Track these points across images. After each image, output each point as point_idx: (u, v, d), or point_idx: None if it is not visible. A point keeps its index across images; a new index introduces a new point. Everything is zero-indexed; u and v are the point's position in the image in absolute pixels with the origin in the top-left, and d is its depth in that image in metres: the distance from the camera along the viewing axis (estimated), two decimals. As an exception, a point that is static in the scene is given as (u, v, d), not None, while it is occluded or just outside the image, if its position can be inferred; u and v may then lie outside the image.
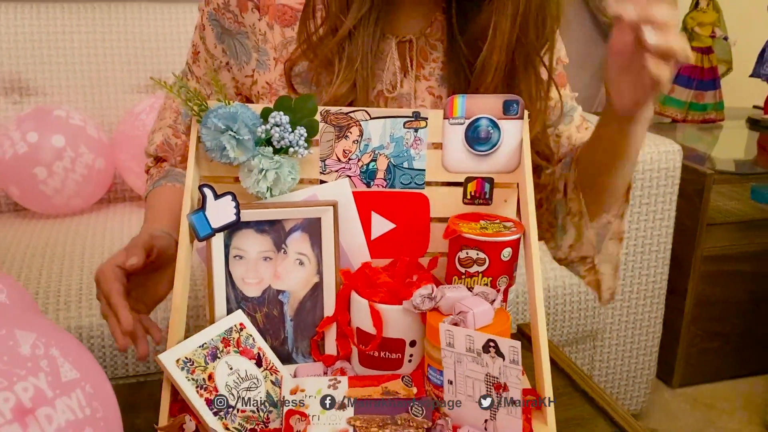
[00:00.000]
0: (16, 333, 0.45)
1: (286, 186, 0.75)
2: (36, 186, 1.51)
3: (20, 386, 0.42)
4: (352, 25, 0.80)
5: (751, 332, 1.77)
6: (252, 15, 0.85)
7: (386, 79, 0.86)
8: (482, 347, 0.65)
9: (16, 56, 1.64)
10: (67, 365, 0.46)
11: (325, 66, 0.83)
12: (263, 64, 0.87)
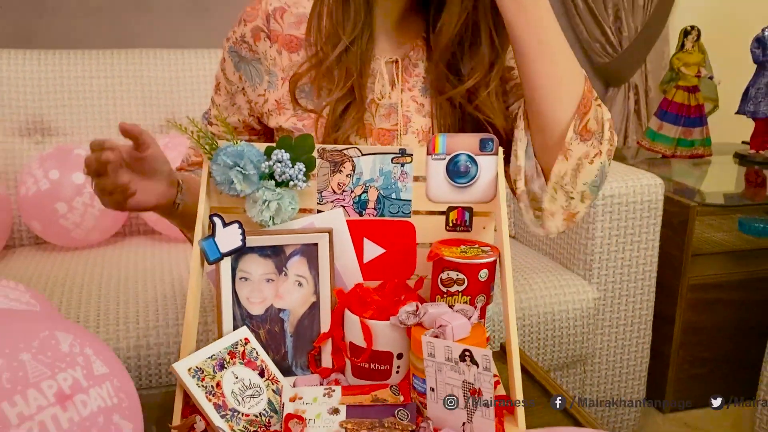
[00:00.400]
0: (57, 334, 0.53)
1: (287, 215, 0.84)
2: (57, 220, 1.60)
3: (61, 376, 0.51)
4: (349, 42, 0.94)
5: (738, 358, 1.82)
6: (264, 43, 1.00)
7: (377, 90, 0.99)
8: (459, 356, 0.73)
9: (39, 100, 1.74)
10: (98, 362, 0.54)
11: (325, 75, 0.96)
12: (273, 84, 1.00)
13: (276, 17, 1.00)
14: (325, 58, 0.95)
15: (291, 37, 1.00)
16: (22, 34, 2.05)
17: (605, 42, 2.59)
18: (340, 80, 0.95)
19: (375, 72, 1.00)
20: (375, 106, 0.99)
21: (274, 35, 1.00)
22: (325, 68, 0.95)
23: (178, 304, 1.38)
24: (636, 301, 1.62)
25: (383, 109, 0.99)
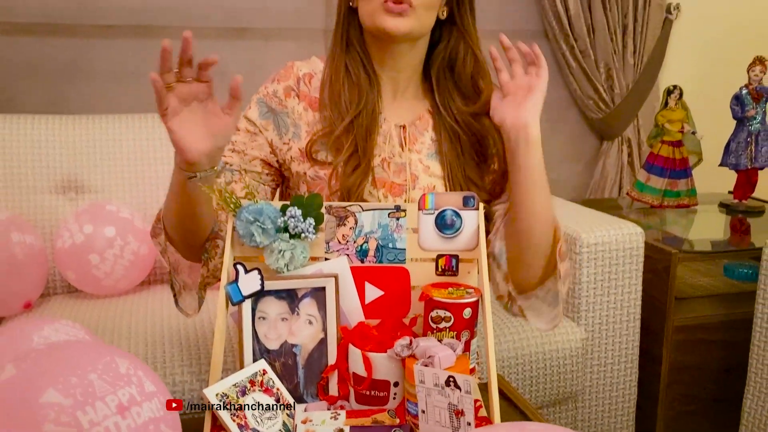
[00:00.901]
0: (116, 359, 0.67)
1: (299, 263, 0.98)
2: (90, 270, 1.74)
3: (120, 392, 0.64)
4: (354, 116, 1.14)
5: (723, 397, 1.92)
6: (293, 100, 1.19)
7: (388, 150, 1.18)
8: (445, 382, 0.86)
9: (73, 160, 1.89)
10: (148, 382, 0.68)
11: (335, 142, 1.14)
12: (297, 135, 1.18)
13: (305, 81, 1.20)
14: (334, 129, 1.12)
15: (315, 99, 1.19)
16: (58, 100, 2.19)
17: (598, 99, 2.72)
18: (349, 147, 1.12)
19: (386, 133, 1.18)
20: (387, 164, 1.16)
21: (302, 95, 1.19)
22: (335, 137, 1.11)
23: (200, 346, 1.51)
24: (622, 341, 1.74)
25: (395, 166, 1.17)
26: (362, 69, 1.18)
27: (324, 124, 1.17)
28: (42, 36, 2.18)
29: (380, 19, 1.12)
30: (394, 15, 1.11)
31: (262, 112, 1.20)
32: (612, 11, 2.59)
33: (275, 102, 1.20)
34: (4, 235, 1.65)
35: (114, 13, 2.21)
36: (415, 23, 1.13)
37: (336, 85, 1.17)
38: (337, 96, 1.16)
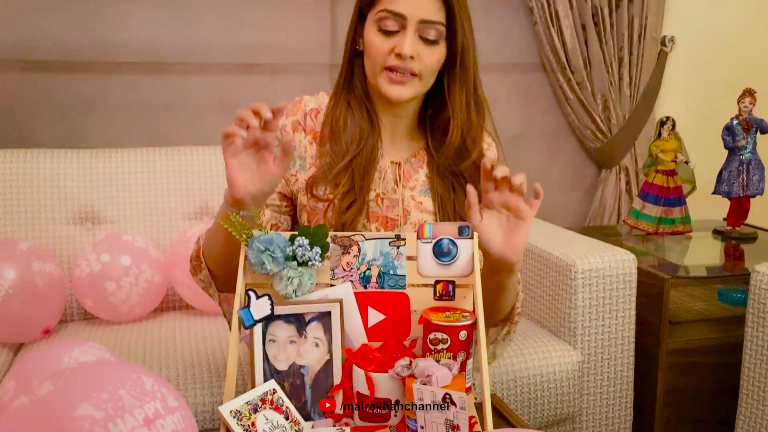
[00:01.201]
0: (142, 377, 0.74)
1: (306, 289, 1.06)
2: (106, 298, 1.81)
3: (146, 406, 0.72)
4: (353, 155, 1.21)
5: (719, 419, 1.97)
6: (300, 134, 1.28)
7: (383, 186, 1.26)
8: (442, 399, 0.93)
9: (90, 192, 1.97)
10: (170, 397, 0.75)
11: (334, 179, 1.22)
12: (303, 167, 1.27)
13: (311, 116, 1.28)
14: (334, 167, 1.20)
15: (320, 133, 1.27)
16: (74, 134, 2.27)
17: (596, 129, 2.79)
18: (345, 184, 1.20)
19: (382, 169, 1.25)
20: (381, 199, 1.24)
21: (308, 129, 1.28)
22: (334, 174, 1.19)
23: (211, 369, 1.58)
24: (617, 363, 1.80)
25: (388, 201, 1.25)
26: (364, 111, 1.25)
27: (324, 158, 1.25)
28: (59, 73, 2.27)
29: (382, 85, 1.20)
30: (396, 83, 1.18)
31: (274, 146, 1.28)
32: (607, 44, 2.68)
33: (284, 136, 1.28)
34: (26, 264, 1.73)
35: (128, 51, 2.31)
36: (418, 89, 1.21)
37: (338, 123, 1.25)
38: (339, 134, 1.24)
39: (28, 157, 1.98)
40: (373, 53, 1.20)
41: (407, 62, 1.17)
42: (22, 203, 1.93)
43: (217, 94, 2.41)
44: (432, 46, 1.19)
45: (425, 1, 1.17)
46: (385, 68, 1.19)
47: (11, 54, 2.21)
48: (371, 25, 1.21)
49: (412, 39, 1.17)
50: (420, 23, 1.17)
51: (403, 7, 1.16)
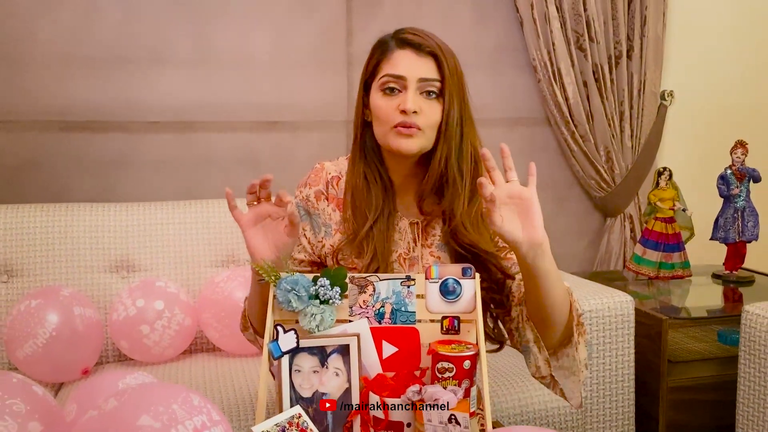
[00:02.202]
0: (190, 395, 0.88)
1: (327, 324, 1.19)
2: (141, 340, 1.95)
3: (195, 419, 0.85)
4: (372, 222, 1.34)
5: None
6: (323, 203, 1.41)
7: (403, 246, 1.38)
8: (447, 419, 1.06)
9: (125, 242, 2.13)
10: (214, 412, 0.88)
11: (357, 246, 1.34)
12: (329, 233, 1.40)
13: (333, 184, 1.41)
14: (356, 235, 1.33)
15: (341, 200, 1.40)
16: (108, 189, 2.42)
17: (599, 179, 2.90)
18: (369, 251, 1.33)
19: (402, 230, 1.39)
20: (403, 259, 1.37)
21: (331, 197, 1.41)
22: (357, 242, 1.33)
23: (239, 406, 1.70)
24: (618, 399, 1.91)
25: (409, 260, 1.38)
26: (379, 177, 1.37)
27: (347, 224, 1.37)
28: (94, 132, 2.42)
29: (392, 141, 1.32)
30: (404, 136, 1.31)
31: (300, 216, 1.41)
32: (608, 99, 2.83)
33: (309, 205, 1.42)
34: (68, 309, 1.88)
35: (158, 111, 2.47)
36: (424, 142, 1.32)
37: (357, 192, 1.37)
38: (357, 202, 1.36)
39: (68, 211, 2.14)
40: (381, 114, 1.32)
41: (412, 117, 1.30)
42: (63, 253, 2.09)
43: (242, 150, 2.56)
44: (432, 100, 1.32)
45: (421, 62, 1.31)
46: (393, 126, 1.31)
47: (51, 116, 2.38)
48: (376, 92, 1.34)
49: (413, 96, 1.30)
50: (419, 81, 1.30)
51: (403, 69, 1.31)
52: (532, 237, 1.18)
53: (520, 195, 1.19)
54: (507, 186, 1.20)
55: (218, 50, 2.50)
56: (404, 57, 1.32)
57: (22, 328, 1.84)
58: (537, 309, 1.27)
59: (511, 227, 1.18)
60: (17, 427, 0.87)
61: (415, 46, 1.32)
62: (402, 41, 1.33)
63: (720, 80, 3.01)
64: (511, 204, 1.20)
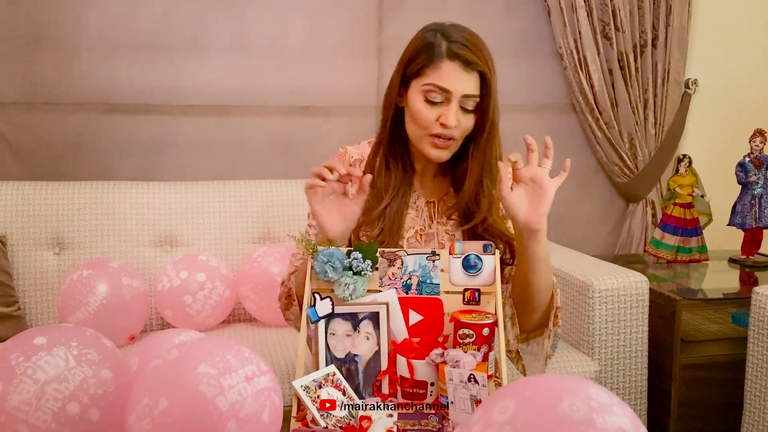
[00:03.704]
0: (242, 348, 1.00)
1: (359, 293, 1.31)
2: (184, 309, 2.10)
3: (246, 368, 0.97)
4: (388, 201, 1.43)
5: (729, 430, 2.14)
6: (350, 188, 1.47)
7: (420, 223, 1.48)
8: (467, 379, 1.17)
9: (168, 219, 2.27)
10: (262, 364, 1.00)
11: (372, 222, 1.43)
12: None
13: (356, 167, 1.50)
14: (372, 212, 1.42)
15: None
16: (148, 169, 2.55)
17: (623, 165, 2.96)
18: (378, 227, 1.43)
19: (419, 208, 1.49)
20: (420, 235, 1.48)
21: (354, 179, 1.49)
22: (371, 219, 1.43)
23: (275, 369, 1.83)
24: (631, 374, 2.01)
25: (425, 237, 1.48)
26: (401, 163, 1.45)
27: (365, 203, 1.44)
28: (135, 114, 2.55)
29: (427, 148, 1.39)
30: (440, 148, 1.38)
31: None
32: (633, 87, 2.89)
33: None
34: (116, 280, 2.03)
35: (196, 95, 2.58)
36: (454, 149, 1.41)
37: (376, 174, 1.45)
38: (377, 183, 1.44)
39: (115, 188, 2.28)
40: (420, 119, 1.37)
41: (449, 130, 1.36)
42: (111, 227, 2.23)
43: (275, 134, 2.67)
44: (469, 114, 1.38)
45: (467, 78, 1.34)
46: (430, 134, 1.38)
47: (96, 98, 2.51)
48: (417, 94, 1.37)
49: (455, 112, 1.35)
50: (462, 97, 1.35)
51: (450, 84, 1.34)
52: (532, 221, 1.28)
53: (541, 182, 1.28)
54: (535, 169, 1.28)
55: (254, 38, 2.60)
56: (453, 71, 1.34)
57: (74, 296, 1.99)
58: (521, 289, 1.39)
59: (518, 203, 1.29)
60: (92, 373, 1.00)
61: (464, 61, 1.34)
62: (453, 54, 1.34)
63: (742, 70, 3.06)
64: (528, 186, 1.30)
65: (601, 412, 0.78)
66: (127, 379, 1.05)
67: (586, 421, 0.77)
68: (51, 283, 2.18)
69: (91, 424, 0.98)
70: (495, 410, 0.82)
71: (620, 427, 0.78)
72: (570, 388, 0.81)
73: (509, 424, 0.79)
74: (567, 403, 0.79)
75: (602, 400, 0.80)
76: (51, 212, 2.20)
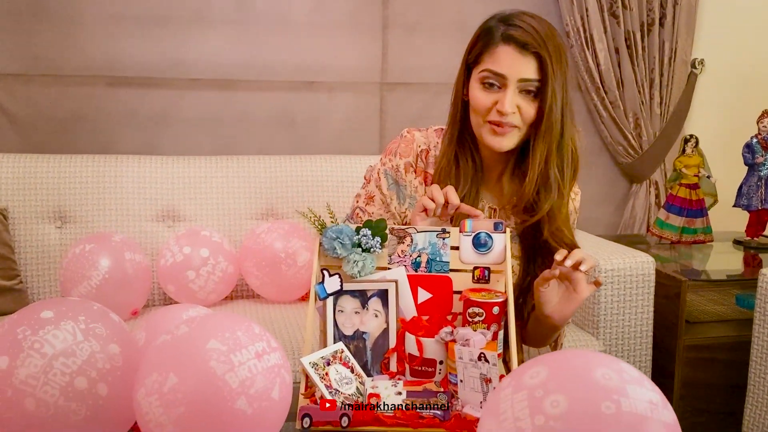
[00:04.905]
0: (252, 324, 0.99)
1: (368, 270, 1.29)
2: (187, 285, 2.08)
3: (257, 344, 0.96)
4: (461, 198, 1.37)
5: (731, 411, 2.15)
6: (411, 175, 1.46)
7: None
8: (477, 357, 1.16)
9: (171, 193, 2.25)
10: (272, 340, 0.99)
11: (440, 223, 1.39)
12: (412, 205, 1.46)
13: (422, 157, 1.46)
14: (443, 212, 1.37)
15: (429, 174, 1.46)
16: (151, 143, 2.54)
17: (627, 145, 2.96)
18: None
19: None
20: None
21: (419, 171, 1.46)
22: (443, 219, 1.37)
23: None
24: (636, 354, 2.01)
25: None
26: (470, 158, 1.40)
27: None
28: (139, 88, 2.54)
29: (485, 135, 1.35)
30: (498, 135, 1.33)
31: (389, 184, 1.48)
32: (639, 66, 2.87)
33: (398, 176, 1.45)
34: (119, 254, 2.01)
35: (200, 69, 2.57)
36: (516, 139, 1.34)
37: (446, 170, 1.41)
38: (446, 180, 1.40)
39: (118, 162, 2.26)
40: (478, 106, 1.33)
41: (508, 117, 1.31)
42: (113, 201, 2.21)
43: (278, 109, 2.66)
44: (530, 98, 1.32)
45: (523, 62, 1.29)
46: (488, 121, 1.33)
47: (99, 71, 2.49)
48: (475, 81, 1.34)
49: (512, 96, 1.30)
50: (519, 81, 1.30)
51: (505, 68, 1.30)
52: (556, 318, 1.34)
53: (576, 285, 1.30)
54: (576, 273, 1.28)
55: (258, 11, 2.58)
56: (507, 54, 1.30)
57: (77, 269, 1.98)
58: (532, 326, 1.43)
59: (546, 298, 1.33)
60: (100, 348, 0.99)
61: (519, 44, 1.29)
62: (507, 37, 1.30)
63: (750, 50, 3.04)
64: (563, 284, 1.33)
65: (633, 384, 0.80)
66: (135, 354, 1.04)
67: (619, 390, 0.78)
68: (53, 256, 2.17)
69: (99, 398, 0.97)
70: (526, 375, 0.83)
71: (651, 401, 0.79)
72: (602, 361, 0.83)
73: (541, 387, 0.79)
74: (600, 372, 0.80)
75: (633, 374, 0.82)
76: (53, 185, 2.18)
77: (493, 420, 0.82)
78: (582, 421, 0.75)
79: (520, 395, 0.80)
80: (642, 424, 0.75)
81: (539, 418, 0.77)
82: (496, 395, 0.86)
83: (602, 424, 0.75)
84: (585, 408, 0.76)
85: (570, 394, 0.77)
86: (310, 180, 2.32)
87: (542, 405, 0.77)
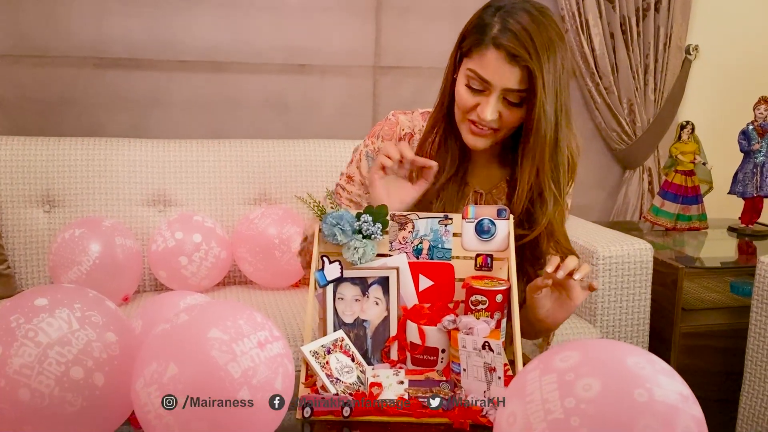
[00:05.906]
0: (254, 312, 0.96)
1: (369, 257, 1.27)
2: (179, 270, 2.05)
3: (259, 333, 0.93)
4: (445, 180, 1.36)
5: (726, 398, 2.15)
6: None
7: None
8: (481, 346, 1.14)
9: (162, 177, 2.21)
10: (274, 329, 0.96)
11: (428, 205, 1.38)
12: None
13: (406, 140, 1.43)
14: (429, 192, 1.36)
15: None
16: (140, 126, 2.49)
17: (621, 131, 2.95)
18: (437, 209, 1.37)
19: (466, 197, 1.43)
20: None
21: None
22: (426, 201, 1.37)
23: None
24: (633, 341, 2.00)
25: None
26: (455, 142, 1.37)
27: None
28: (127, 70, 2.48)
29: (463, 132, 1.33)
30: (475, 135, 1.31)
31: (369, 166, 1.45)
32: (634, 52, 2.85)
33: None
34: (109, 239, 1.97)
35: (189, 51, 2.52)
36: (495, 140, 1.32)
37: (429, 154, 1.38)
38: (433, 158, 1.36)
39: (107, 145, 2.22)
40: (460, 102, 1.30)
41: (488, 122, 1.28)
42: (103, 185, 2.17)
43: (270, 92, 2.61)
44: (514, 107, 1.27)
45: (511, 72, 1.22)
46: (468, 119, 1.31)
47: (86, 52, 2.44)
48: (462, 76, 1.29)
49: (494, 104, 1.26)
50: (504, 90, 1.25)
51: (490, 75, 1.24)
52: (546, 324, 1.34)
53: (570, 292, 1.29)
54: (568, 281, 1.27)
55: (250, -9, 2.53)
56: (495, 61, 1.23)
57: (66, 255, 1.94)
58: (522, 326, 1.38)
59: (540, 303, 1.32)
60: (96, 336, 0.96)
61: (509, 54, 1.22)
62: (498, 43, 1.22)
63: (745, 36, 3.03)
64: (556, 291, 1.31)
65: (664, 375, 0.80)
66: (133, 342, 1.01)
67: (652, 379, 0.77)
68: (41, 241, 2.12)
69: (95, 389, 0.94)
70: (556, 359, 0.82)
71: (681, 393, 0.79)
72: (633, 350, 0.83)
73: (573, 371, 0.78)
74: (633, 360, 0.80)
75: (664, 366, 0.82)
76: (41, 169, 2.14)
77: (518, 402, 0.81)
78: (614, 406, 0.75)
79: (549, 377, 0.79)
80: (674, 415, 0.75)
81: (570, 400, 0.76)
82: (521, 377, 0.85)
83: (634, 411, 0.74)
84: (618, 393, 0.75)
85: (603, 379, 0.77)
86: (304, 164, 2.28)
87: (573, 388, 0.77)
